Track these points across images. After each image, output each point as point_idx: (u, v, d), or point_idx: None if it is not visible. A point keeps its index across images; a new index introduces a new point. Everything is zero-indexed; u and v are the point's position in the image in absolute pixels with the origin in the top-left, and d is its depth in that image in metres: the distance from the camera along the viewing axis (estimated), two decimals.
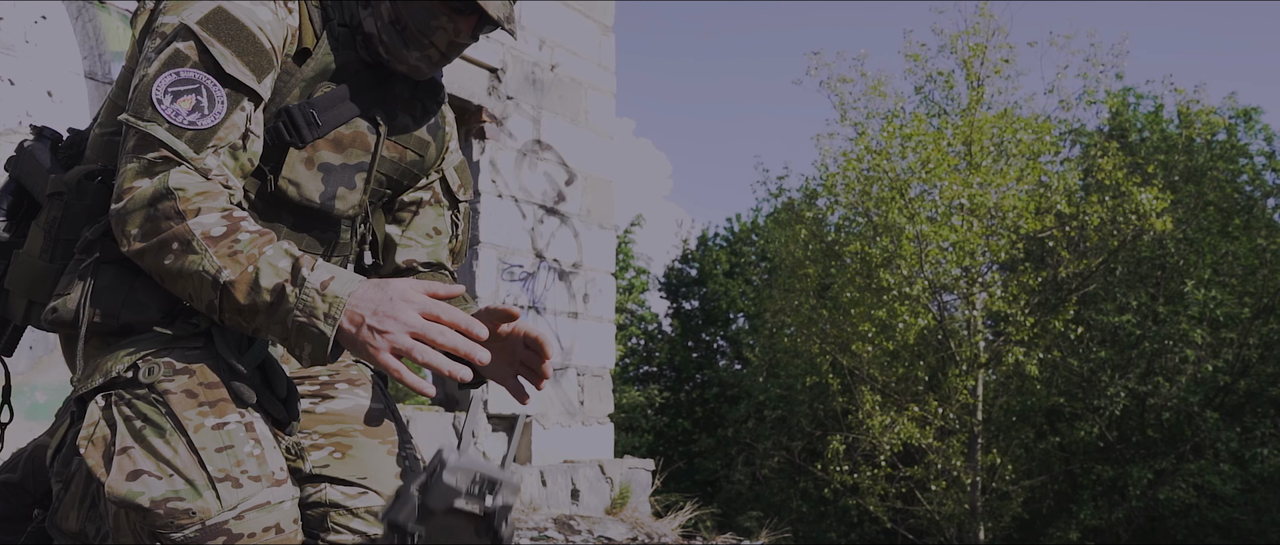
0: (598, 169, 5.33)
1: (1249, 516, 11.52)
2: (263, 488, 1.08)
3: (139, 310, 1.17)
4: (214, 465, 1.06)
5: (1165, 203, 10.49)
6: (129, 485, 1.04)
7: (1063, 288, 11.53)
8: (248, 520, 1.06)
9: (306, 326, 1.04)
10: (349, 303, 1.04)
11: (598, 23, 5.39)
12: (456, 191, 1.51)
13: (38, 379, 2.70)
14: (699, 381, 19.12)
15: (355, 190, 1.33)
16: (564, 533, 3.79)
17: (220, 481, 1.06)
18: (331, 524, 1.26)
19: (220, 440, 1.08)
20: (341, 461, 1.28)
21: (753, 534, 11.97)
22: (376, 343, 1.02)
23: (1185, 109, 12.85)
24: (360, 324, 1.03)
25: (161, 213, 1.09)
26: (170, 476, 1.05)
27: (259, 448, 1.10)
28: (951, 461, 10.85)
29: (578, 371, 5.12)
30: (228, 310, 1.08)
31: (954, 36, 11.59)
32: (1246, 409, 12.44)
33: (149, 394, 1.10)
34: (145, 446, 1.07)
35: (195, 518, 1.04)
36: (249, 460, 1.09)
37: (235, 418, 1.10)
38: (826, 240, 12.66)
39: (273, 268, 1.06)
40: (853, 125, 11.80)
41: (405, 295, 1.05)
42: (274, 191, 1.27)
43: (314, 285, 1.05)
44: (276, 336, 1.08)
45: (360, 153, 1.32)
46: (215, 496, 1.05)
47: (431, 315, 1.04)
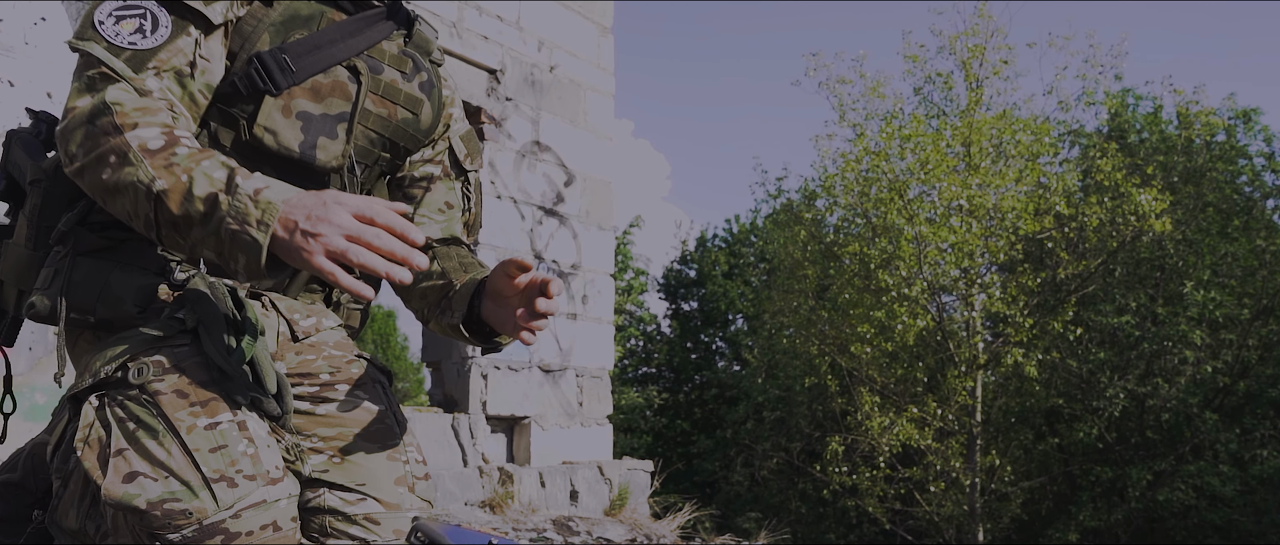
0: (596, 170, 5.33)
1: (1248, 518, 11.52)
2: (258, 486, 1.08)
3: (114, 305, 1.16)
4: (208, 466, 1.06)
5: (1164, 204, 10.50)
6: (125, 487, 1.05)
7: (1062, 289, 11.54)
8: (245, 519, 1.06)
9: (239, 234, 1.02)
10: (283, 209, 1.02)
11: (596, 24, 5.39)
12: (464, 162, 1.48)
13: (36, 380, 2.70)
14: (698, 382, 19.12)
15: (337, 141, 1.29)
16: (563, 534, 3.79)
17: (215, 482, 1.06)
18: (330, 529, 1.26)
19: (213, 440, 1.08)
20: (341, 467, 1.27)
21: (751, 535, 11.96)
22: (310, 246, 1.01)
23: (1184, 110, 12.86)
24: (293, 229, 1.02)
25: (100, 128, 1.08)
26: (166, 478, 1.05)
27: (253, 447, 1.10)
28: (950, 463, 10.85)
29: (577, 372, 5.12)
30: (164, 224, 1.06)
31: (953, 37, 11.60)
32: (1246, 410, 12.44)
33: (140, 395, 1.10)
34: (139, 449, 1.07)
35: (192, 518, 1.04)
36: (243, 459, 1.08)
37: (227, 417, 1.10)
38: (825, 241, 12.66)
39: (207, 177, 1.04)
40: (852, 126, 11.81)
41: (339, 199, 1.03)
42: (250, 140, 1.24)
43: (247, 192, 1.03)
44: (211, 252, 1.06)
45: (341, 103, 1.28)
46: (211, 496, 1.05)
47: (366, 218, 1.02)
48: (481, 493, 4.38)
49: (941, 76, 12.06)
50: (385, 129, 1.36)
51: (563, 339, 5.04)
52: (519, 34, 4.87)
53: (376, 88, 1.33)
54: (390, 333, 23.08)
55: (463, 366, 4.61)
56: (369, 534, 1.26)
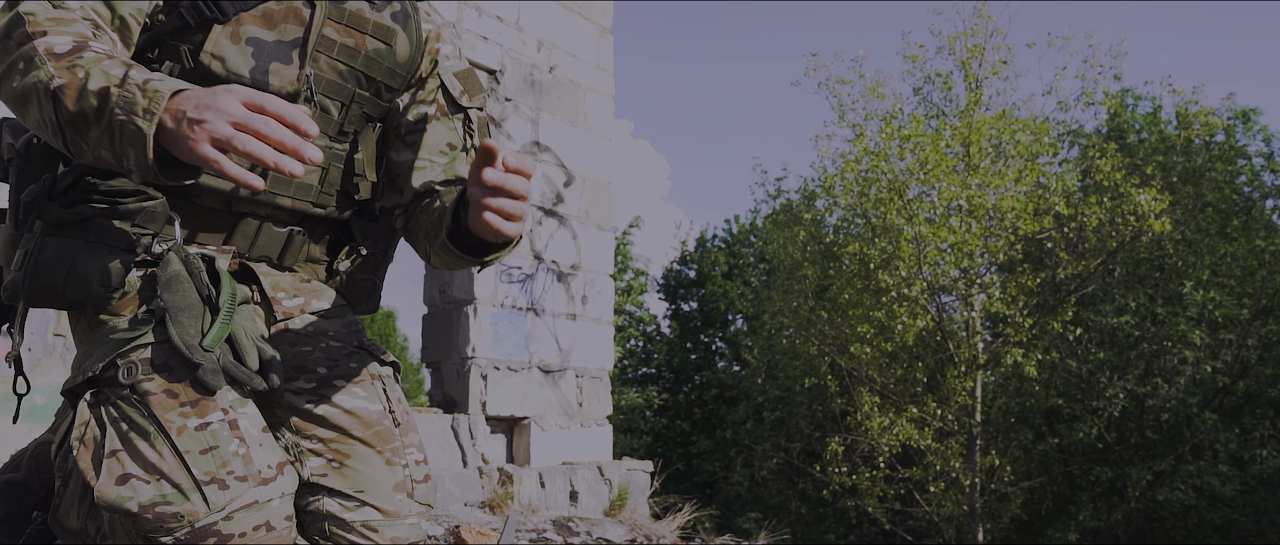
0: (596, 170, 5.33)
1: (1248, 518, 11.52)
2: (250, 487, 1.07)
3: (80, 286, 1.14)
4: (199, 468, 1.05)
5: (1164, 204, 10.50)
6: (118, 490, 1.04)
7: (1061, 289, 11.54)
8: (237, 520, 1.06)
9: (126, 125, 0.98)
10: (170, 99, 0.99)
11: (596, 24, 5.38)
12: (459, 98, 1.41)
13: (36, 381, 2.70)
14: (697, 383, 19.12)
15: (291, 65, 1.24)
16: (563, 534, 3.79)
17: (206, 484, 1.05)
18: (329, 534, 1.25)
19: (204, 441, 1.07)
20: (339, 472, 1.25)
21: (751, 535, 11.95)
22: (195, 134, 0.96)
23: (1183, 110, 12.86)
24: (181, 118, 0.97)
25: (14, 39, 1.06)
26: (158, 481, 1.04)
27: (244, 446, 1.09)
28: (950, 463, 10.85)
29: (576, 373, 5.12)
30: (65, 125, 1.02)
31: (952, 38, 11.60)
32: (1245, 410, 12.44)
33: (131, 395, 1.09)
34: (132, 450, 1.06)
35: (184, 521, 1.04)
36: (235, 460, 1.07)
37: (217, 416, 1.09)
38: (825, 241, 12.66)
39: (104, 73, 1.01)
40: (851, 126, 11.81)
41: (230, 89, 0.99)
42: (195, 67, 1.20)
43: (136, 82, 1.00)
44: (108, 152, 1.01)
45: (294, 28, 1.24)
46: (202, 499, 1.04)
47: (256, 106, 0.98)
48: (481, 493, 4.38)
49: (941, 77, 12.06)
50: (354, 60, 1.30)
51: (562, 339, 5.04)
52: (518, 34, 4.87)
53: (340, 16, 1.27)
54: (390, 333, 23.08)
55: (462, 367, 4.60)
56: (366, 541, 1.25)
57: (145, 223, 1.17)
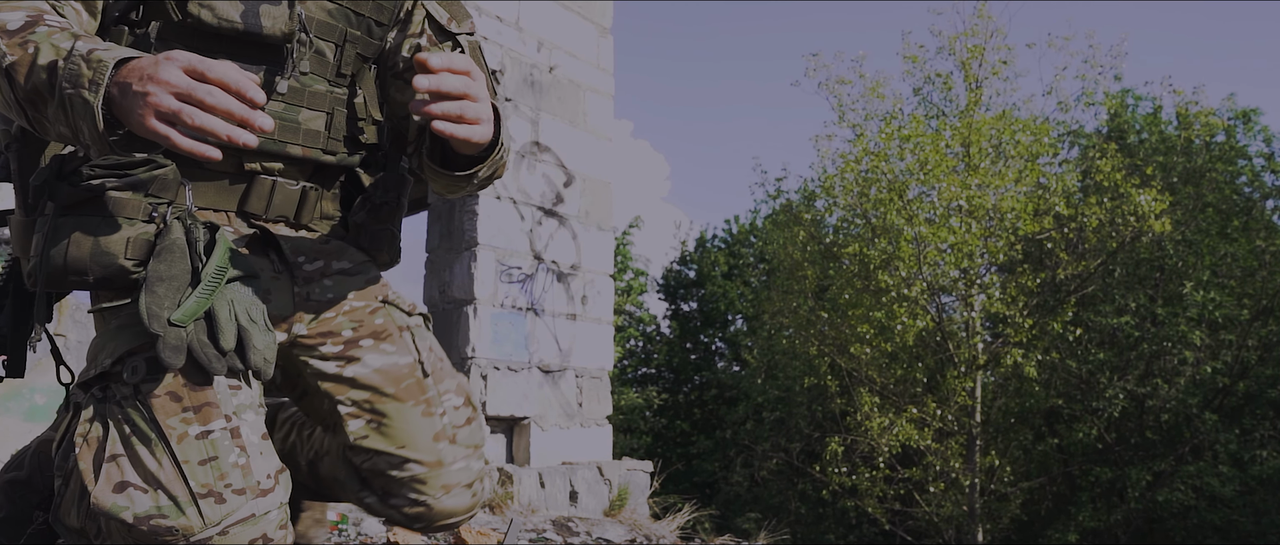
0: (596, 171, 5.33)
1: (1248, 518, 11.52)
2: (247, 501, 1.05)
3: (107, 263, 1.11)
4: (197, 480, 1.03)
5: (1164, 204, 10.50)
6: (114, 498, 1.02)
7: (1061, 289, 11.54)
8: (232, 535, 1.04)
9: (74, 98, 0.95)
10: (116, 70, 0.95)
11: (596, 24, 5.39)
12: (448, 25, 1.37)
13: (37, 381, 2.70)
14: (697, 383, 19.12)
15: (280, 5, 1.19)
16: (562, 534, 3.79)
17: (203, 497, 1.02)
18: (388, 491, 1.28)
19: (204, 451, 1.04)
20: (379, 432, 1.26)
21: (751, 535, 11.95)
22: (141, 107, 0.93)
23: (1184, 110, 12.86)
24: (126, 90, 0.94)
25: None
26: (155, 492, 1.02)
27: (244, 456, 1.06)
28: (950, 463, 10.85)
29: (576, 373, 5.12)
30: (23, 102, 1.00)
31: (952, 38, 11.60)
32: (1245, 411, 12.44)
33: (133, 397, 1.06)
34: (133, 456, 1.04)
35: (178, 535, 1.01)
36: (233, 471, 1.05)
37: (220, 424, 1.06)
38: (825, 242, 12.66)
39: (52, 47, 0.98)
40: (851, 127, 11.81)
41: (170, 55, 0.95)
42: (185, 19, 1.15)
43: (81, 52, 0.96)
44: (66, 128, 0.98)
45: None
46: (198, 513, 1.02)
47: (196, 72, 0.94)
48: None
49: (941, 77, 12.07)
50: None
51: (562, 340, 5.04)
52: (518, 34, 4.87)
53: None
54: None
55: (462, 367, 4.61)
56: (420, 495, 1.27)
57: (159, 191, 1.14)
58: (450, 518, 1.30)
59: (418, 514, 1.29)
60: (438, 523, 1.30)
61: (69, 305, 2.89)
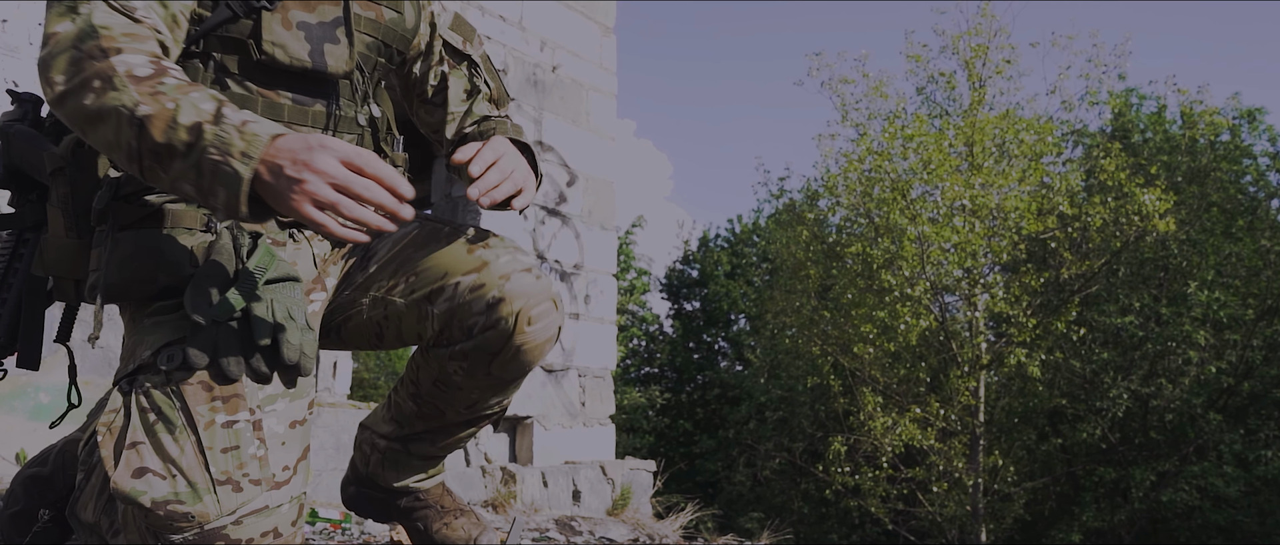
0: (599, 170, 5.33)
1: (1252, 518, 11.50)
2: (262, 492, 1.07)
3: (174, 270, 1.16)
4: (217, 467, 1.05)
5: (1168, 204, 10.47)
6: (133, 482, 1.04)
7: (1065, 289, 11.52)
8: (246, 525, 1.06)
9: (221, 166, 0.98)
10: (268, 145, 0.98)
11: (599, 24, 5.39)
12: (462, 47, 1.51)
13: (42, 380, 2.71)
14: (700, 383, 19.12)
15: (340, 45, 1.30)
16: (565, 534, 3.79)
17: (221, 484, 1.05)
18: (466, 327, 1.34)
19: (227, 440, 1.07)
20: (418, 279, 1.35)
21: (754, 535, 11.93)
22: (296, 193, 0.97)
23: (1188, 110, 12.83)
24: (279, 170, 0.97)
25: (86, 52, 1.04)
26: (174, 477, 1.04)
27: (263, 449, 1.09)
28: (953, 463, 10.84)
29: (579, 373, 5.12)
30: (146, 153, 1.01)
31: (955, 37, 11.59)
32: (1250, 411, 12.42)
33: (165, 383, 1.09)
34: (154, 442, 1.06)
35: (194, 522, 1.03)
36: (252, 462, 1.07)
37: (245, 416, 1.09)
38: (828, 241, 12.65)
39: (195, 107, 1.01)
40: (854, 126, 11.80)
41: (325, 143, 0.99)
42: (263, 59, 1.24)
43: (234, 123, 1.00)
44: (191, 187, 1.01)
45: (330, 7, 1.29)
46: (215, 500, 1.04)
47: (355, 167, 0.99)
48: (484, 492, 4.39)
49: (944, 76, 12.05)
50: (377, 31, 1.38)
51: (565, 339, 5.04)
52: (521, 34, 4.87)
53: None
54: None
55: None
56: (482, 295, 1.33)
57: (153, 183, 1.18)
58: (529, 300, 1.34)
59: (499, 319, 1.32)
60: (522, 316, 1.32)
61: None
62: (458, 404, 1.45)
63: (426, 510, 1.55)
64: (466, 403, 1.44)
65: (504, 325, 1.33)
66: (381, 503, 1.57)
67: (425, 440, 1.53)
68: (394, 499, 1.57)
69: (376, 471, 1.55)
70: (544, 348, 1.38)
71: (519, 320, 1.33)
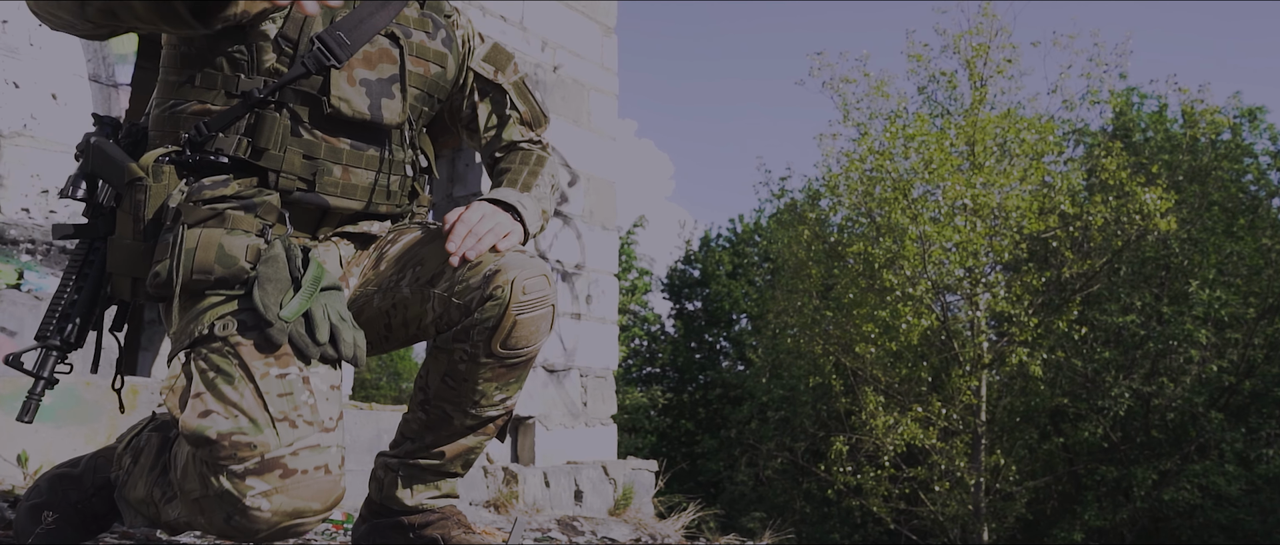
0: (600, 170, 5.33)
1: (1254, 517, 11.49)
2: (315, 432, 1.20)
3: (230, 263, 1.29)
4: (275, 407, 1.18)
5: (1169, 203, 10.47)
6: (200, 421, 1.16)
7: (1066, 288, 11.51)
8: (302, 457, 1.17)
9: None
10: None
11: (600, 24, 5.39)
12: (493, 78, 1.66)
13: None
14: (702, 382, 19.12)
15: (396, 99, 1.47)
16: (567, 533, 3.79)
17: (279, 421, 1.17)
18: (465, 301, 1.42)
19: (282, 387, 1.20)
20: (423, 268, 1.46)
21: (756, 535, 11.93)
22: None
23: (1189, 108, 12.82)
24: None
25: None
26: (236, 416, 1.17)
27: (313, 398, 1.22)
28: (955, 462, 10.84)
29: (581, 373, 5.12)
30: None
31: (957, 37, 11.58)
32: (1251, 409, 12.41)
33: (222, 346, 1.23)
34: (215, 392, 1.19)
35: (256, 450, 1.15)
36: (304, 407, 1.20)
37: (295, 369, 1.22)
38: (829, 241, 12.65)
39: None
40: (855, 126, 11.80)
41: None
42: (331, 112, 1.41)
43: None
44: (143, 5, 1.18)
45: (389, 66, 1.47)
46: (274, 434, 1.16)
47: None
48: (486, 492, 4.39)
49: (945, 75, 12.05)
50: (424, 84, 1.55)
51: (567, 339, 5.04)
52: (522, 34, 4.88)
53: (411, 50, 1.51)
54: None
55: None
56: (479, 270, 1.42)
57: (265, 214, 1.36)
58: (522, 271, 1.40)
59: (496, 289, 1.39)
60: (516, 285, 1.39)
61: None
62: (465, 400, 1.48)
63: (444, 522, 1.56)
64: (473, 397, 1.48)
65: (500, 294, 1.39)
66: (393, 528, 1.58)
67: (434, 449, 1.56)
68: (407, 518, 1.58)
69: (390, 495, 1.58)
70: (540, 323, 1.44)
71: (514, 289, 1.39)
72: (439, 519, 1.56)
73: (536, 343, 1.45)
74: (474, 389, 1.46)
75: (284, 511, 1.15)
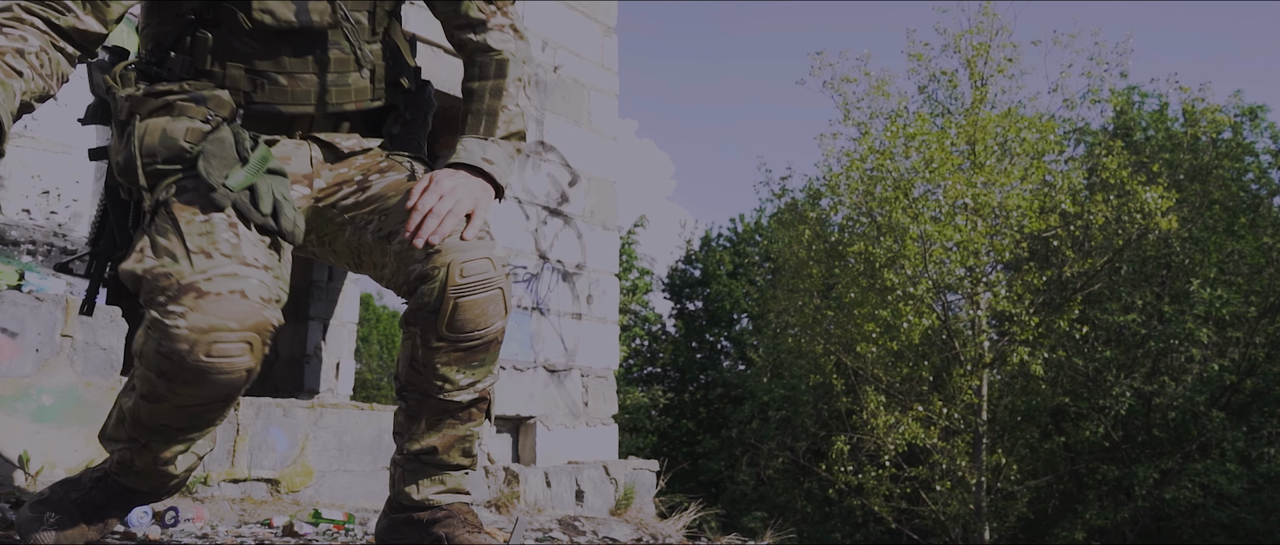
0: (600, 170, 5.33)
1: (1255, 516, 11.48)
2: (233, 263, 1.28)
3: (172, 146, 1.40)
4: (193, 243, 1.29)
5: (1170, 201, 10.46)
6: (132, 263, 1.29)
7: (1067, 287, 11.51)
8: (216, 282, 1.26)
9: None
10: None
11: (600, 24, 5.39)
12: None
13: (45, 382, 2.71)
14: (703, 382, 19.12)
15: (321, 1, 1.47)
16: (568, 533, 3.79)
17: (195, 253, 1.28)
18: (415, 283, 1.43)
19: (203, 229, 1.31)
20: (387, 220, 1.48)
21: (757, 535, 11.95)
22: None
23: (1190, 107, 12.81)
24: None
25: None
26: (161, 257, 1.29)
27: (237, 238, 1.31)
28: (956, 462, 10.83)
29: (582, 372, 5.12)
30: None
31: (957, 36, 11.58)
32: (1253, 408, 12.40)
33: (162, 209, 1.35)
34: (153, 243, 1.32)
35: (172, 279, 1.26)
36: (224, 242, 1.30)
37: (221, 218, 1.32)
38: (830, 240, 12.65)
39: None
40: (856, 125, 11.80)
41: None
42: (254, 25, 1.44)
43: None
44: None
45: None
46: (190, 263, 1.27)
47: None
48: (487, 493, 4.39)
49: (946, 75, 12.05)
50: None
51: (568, 339, 5.04)
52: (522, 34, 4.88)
53: None
54: (395, 333, 23.13)
55: None
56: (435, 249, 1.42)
57: (216, 107, 1.43)
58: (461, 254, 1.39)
59: (433, 270, 1.39)
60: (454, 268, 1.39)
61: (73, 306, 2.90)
62: (430, 386, 1.48)
63: (450, 519, 1.57)
64: (436, 382, 1.47)
65: (436, 275, 1.38)
66: (406, 524, 1.59)
67: (424, 441, 1.56)
68: (416, 515, 1.59)
69: (399, 491, 1.59)
70: (485, 307, 1.41)
71: (451, 272, 1.38)
72: (446, 517, 1.56)
73: (487, 325, 1.42)
74: (436, 373, 1.46)
75: (198, 328, 1.23)
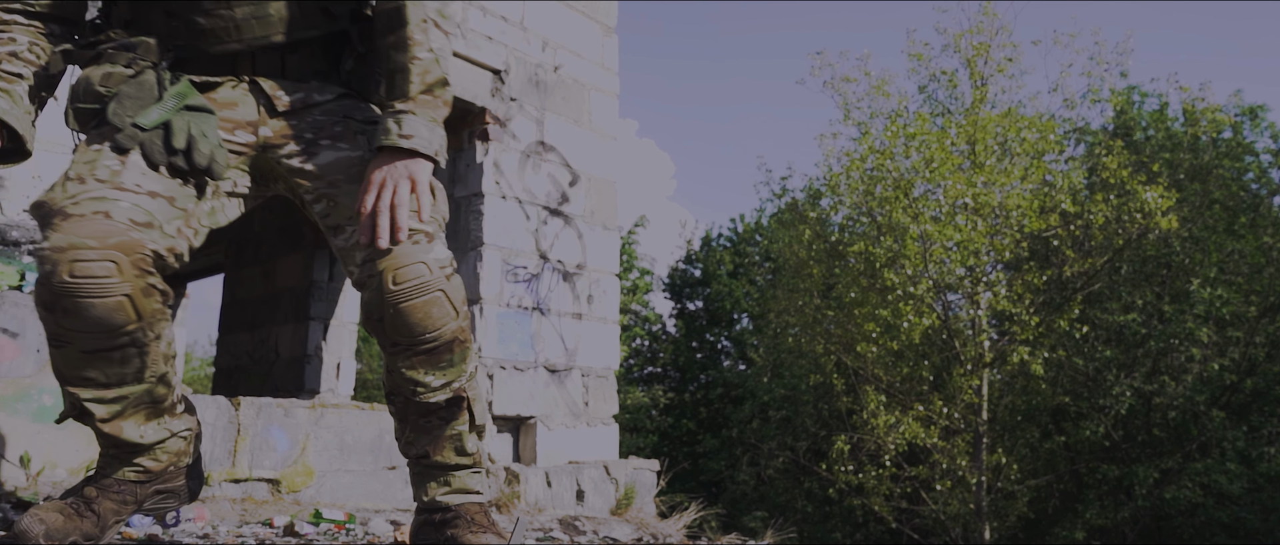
0: (601, 170, 5.33)
1: (1256, 515, 11.48)
2: (106, 188, 1.34)
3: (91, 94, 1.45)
4: (73, 171, 1.36)
5: (1170, 201, 10.46)
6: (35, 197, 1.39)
7: (1068, 287, 11.51)
8: (82, 204, 1.31)
9: None
10: None
11: (600, 24, 5.39)
12: None
13: (45, 382, 2.71)
14: (703, 382, 19.12)
15: None
16: (569, 533, 3.79)
17: (71, 180, 1.34)
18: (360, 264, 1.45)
19: (87, 157, 1.38)
20: (334, 209, 1.49)
21: (758, 534, 11.97)
22: None
23: (1190, 107, 12.81)
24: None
25: None
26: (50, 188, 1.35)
27: (120, 167, 1.36)
28: (956, 461, 10.83)
29: (582, 372, 5.13)
30: None
31: (957, 36, 11.58)
32: (1253, 408, 12.40)
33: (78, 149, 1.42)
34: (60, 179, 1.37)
35: (46, 206, 1.33)
36: (103, 169, 1.35)
37: (112, 150, 1.38)
38: (830, 240, 12.65)
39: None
40: (856, 125, 11.79)
41: None
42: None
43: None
44: None
45: None
46: (62, 189, 1.34)
47: None
48: (488, 492, 4.40)
49: (946, 74, 12.04)
50: None
51: (568, 339, 5.04)
52: (523, 34, 4.88)
53: None
54: None
55: None
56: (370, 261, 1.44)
57: (144, 55, 1.47)
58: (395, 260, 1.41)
59: (371, 276, 1.42)
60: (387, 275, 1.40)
61: None
62: (408, 390, 1.50)
63: (457, 520, 1.60)
64: (409, 385, 1.49)
65: (375, 282, 1.42)
66: (424, 525, 1.63)
67: (418, 444, 1.59)
68: (433, 515, 1.62)
69: (415, 494, 1.65)
70: (428, 309, 1.42)
71: (384, 280, 1.40)
72: (453, 518, 1.60)
73: (438, 328, 1.43)
74: (404, 377, 1.48)
75: (58, 246, 1.28)
